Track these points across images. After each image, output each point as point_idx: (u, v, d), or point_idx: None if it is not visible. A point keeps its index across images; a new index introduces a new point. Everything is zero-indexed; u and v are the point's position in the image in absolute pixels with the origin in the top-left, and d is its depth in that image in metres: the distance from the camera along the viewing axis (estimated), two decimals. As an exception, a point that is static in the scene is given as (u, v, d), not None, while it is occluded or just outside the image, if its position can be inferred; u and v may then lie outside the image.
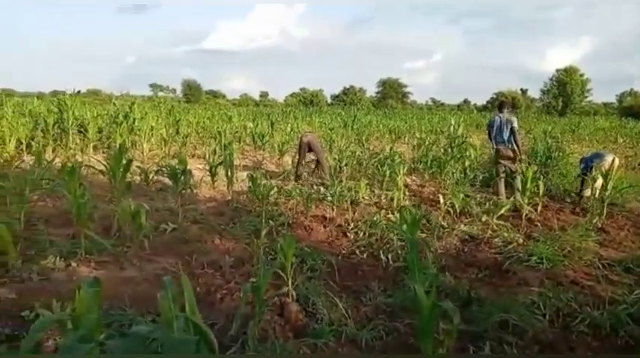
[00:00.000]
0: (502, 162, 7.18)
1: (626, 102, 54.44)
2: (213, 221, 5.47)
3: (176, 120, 13.27)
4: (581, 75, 56.78)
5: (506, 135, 7.14)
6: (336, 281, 3.89)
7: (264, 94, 72.52)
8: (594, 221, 5.85)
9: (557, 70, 57.76)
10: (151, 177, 7.16)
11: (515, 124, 7.15)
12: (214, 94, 69.20)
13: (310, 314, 3.28)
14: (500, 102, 7.79)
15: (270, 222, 5.24)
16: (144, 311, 3.08)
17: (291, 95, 66.52)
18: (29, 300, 3.17)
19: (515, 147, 7.08)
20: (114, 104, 13.51)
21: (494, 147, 7.34)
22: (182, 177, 5.67)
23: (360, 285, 3.91)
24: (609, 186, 6.27)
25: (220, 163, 6.94)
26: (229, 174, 6.61)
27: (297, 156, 8.63)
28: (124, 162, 5.19)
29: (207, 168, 7.39)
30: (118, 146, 6.53)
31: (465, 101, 69.93)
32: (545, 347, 2.81)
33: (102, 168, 5.63)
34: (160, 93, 64.42)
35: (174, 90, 68.55)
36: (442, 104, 71.52)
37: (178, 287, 2.10)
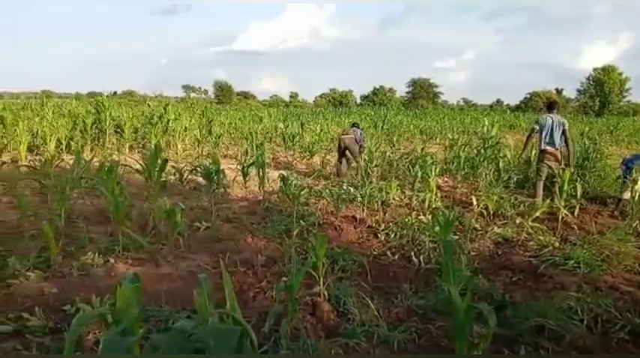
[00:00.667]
0: (547, 163, 6.94)
1: (669, 101, 52.43)
2: (246, 220, 5.55)
3: (209, 120, 13.50)
4: (620, 73, 54.91)
5: (557, 136, 6.93)
6: (367, 281, 3.89)
7: (293, 95, 72.88)
8: (634, 225, 5.66)
9: (595, 69, 56.05)
10: (185, 177, 7.31)
11: (567, 126, 6.96)
12: (245, 95, 70.00)
13: (342, 314, 3.29)
14: (550, 103, 7.55)
15: (301, 221, 5.28)
16: (179, 308, 3.15)
17: (321, 96, 66.75)
18: (70, 295, 3.30)
19: (566, 151, 6.88)
20: (148, 105, 13.88)
21: (542, 148, 7.11)
22: (215, 177, 5.77)
23: (391, 286, 3.90)
24: None
25: (252, 163, 7.03)
26: (261, 174, 6.68)
27: (338, 157, 9.06)
28: (160, 161, 5.32)
29: (239, 168, 7.49)
30: (153, 146, 6.69)
31: (498, 101, 68.68)
32: (583, 353, 2.73)
33: (138, 167, 5.79)
34: (192, 95, 65.75)
35: (205, 92, 69.82)
36: (474, 104, 70.42)
37: (213, 284, 2.15)
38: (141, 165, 5.66)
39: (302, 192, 5.61)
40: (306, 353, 2.72)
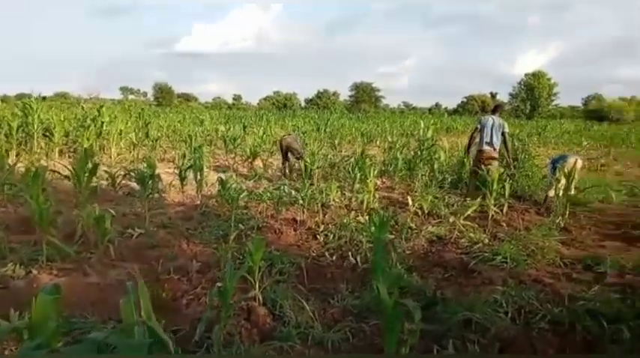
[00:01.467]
0: (484, 163, 7.24)
1: (591, 105, 56.18)
2: (181, 225, 5.41)
3: (146, 123, 13.07)
4: (549, 79, 58.38)
5: (495, 137, 7.24)
6: (304, 284, 3.90)
7: (237, 97, 72.10)
8: (557, 221, 6.02)
9: (526, 75, 59.27)
10: (118, 182, 7.03)
11: (507, 128, 7.28)
12: (187, 97, 68.49)
13: (278, 317, 3.28)
14: (496, 105, 7.92)
15: (240, 225, 5.21)
16: (106, 318, 3.02)
17: (265, 98, 66.41)
18: (-14, 309, 3.08)
19: (505, 151, 7.23)
20: (82, 108, 13.25)
21: (480, 148, 7.40)
22: (150, 182, 5.60)
23: (328, 287, 3.92)
24: (572, 187, 6.46)
25: (190, 167, 6.87)
26: (199, 177, 6.55)
27: (282, 159, 9.18)
28: (90, 166, 5.10)
29: (177, 172, 7.30)
30: (83, 150, 6.39)
31: (437, 104, 71.05)
32: (506, 344, 2.86)
33: (67, 172, 5.51)
34: (131, 97, 63.54)
35: (145, 94, 67.67)
36: (414, 107, 72.46)
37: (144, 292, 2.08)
38: (70, 170, 5.39)
39: (241, 196, 5.54)
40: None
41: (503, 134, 7.19)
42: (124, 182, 7.27)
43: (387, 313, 2.33)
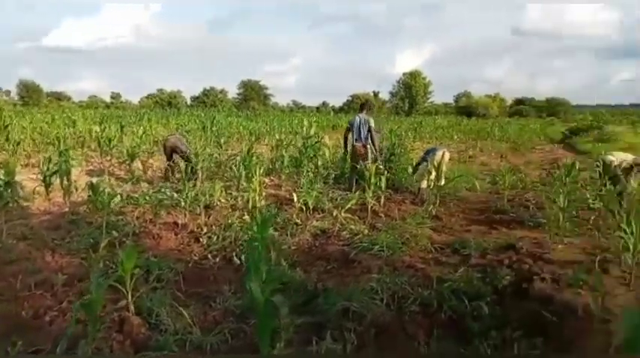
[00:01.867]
0: (357, 158, 7.61)
1: (461, 102, 61.45)
2: (46, 236, 4.93)
3: (5, 125, 11.71)
4: (424, 78, 62.66)
5: (363, 134, 7.59)
6: (184, 289, 3.76)
7: (115, 96, 67.50)
8: (430, 209, 6.48)
9: (404, 74, 63.02)
10: (-31, 191, 6.20)
11: (372, 124, 7.64)
12: (57, 96, 62.66)
13: (154, 326, 3.12)
14: (361, 104, 8.25)
15: (114, 232, 4.87)
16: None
17: (147, 96, 63.04)
18: None
19: (371, 146, 7.57)
20: None
21: (352, 144, 7.77)
22: (8, 190, 5.02)
23: (210, 290, 3.83)
24: (441, 177, 6.99)
25: (55, 172, 6.27)
26: (65, 183, 6.00)
27: (166, 161, 8.79)
28: None
29: (42, 177, 6.63)
30: None
31: (324, 103, 72.76)
32: (381, 330, 3.01)
33: None
34: (-10, 95, 56.68)
35: (8, 92, 60.70)
36: (303, 106, 73.54)
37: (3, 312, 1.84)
38: None
39: (114, 201, 5.18)
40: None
41: (369, 130, 7.60)
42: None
43: (259, 311, 2.32)
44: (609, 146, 16.08)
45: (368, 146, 7.65)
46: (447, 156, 7.78)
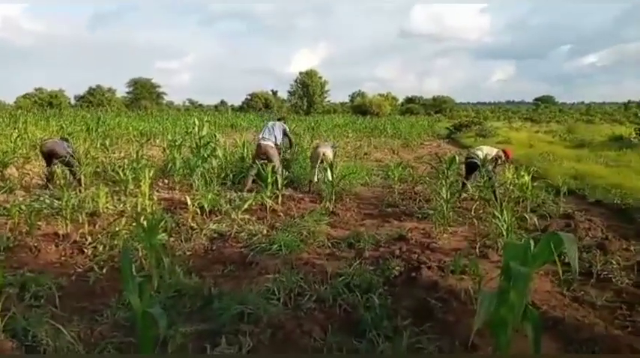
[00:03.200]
0: (260, 157, 7.81)
1: (356, 101, 63.43)
2: None
3: None
4: (320, 77, 63.90)
5: (277, 136, 8.13)
6: (65, 305, 3.46)
7: (-15, 96, 60.45)
8: (327, 206, 6.62)
9: (300, 73, 63.74)
10: None
11: (287, 127, 8.43)
12: None
13: (31, 348, 2.83)
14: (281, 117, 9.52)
15: (-19, 248, 4.35)
16: None
17: (24, 96, 57.20)
18: None
19: (285, 147, 8.44)
20: None
21: (258, 143, 8.08)
22: None
23: (97, 304, 3.56)
24: (329, 174, 7.15)
25: None
26: None
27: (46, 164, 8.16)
28: None
29: None
30: None
31: (222, 102, 71.39)
32: (277, 329, 3.00)
33: None
34: None
35: None
36: (200, 105, 71.50)
37: None
38: None
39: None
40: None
41: (284, 133, 8.36)
42: None
43: (139, 322, 2.20)
44: (488, 140, 17.65)
45: (278, 147, 8.09)
46: (329, 153, 8.00)
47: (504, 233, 4.52)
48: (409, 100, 71.81)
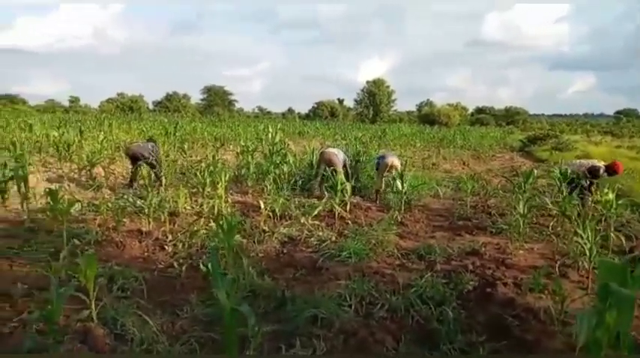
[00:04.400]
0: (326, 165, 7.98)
1: (424, 111, 62.49)
2: (3, 245, 4.73)
3: (-46, 129, 11.19)
4: (387, 86, 63.60)
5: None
6: (150, 297, 3.68)
7: (74, 99, 65.45)
8: (395, 215, 6.58)
9: (367, 82, 63.74)
10: None
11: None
12: (12, 99, 60.16)
13: (119, 336, 3.04)
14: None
15: (75, 241, 4.72)
16: None
17: (107, 101, 61.32)
18: None
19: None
20: None
21: (322, 151, 8.37)
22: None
23: (177, 299, 3.77)
24: (399, 184, 7.10)
25: (11, 178, 6.02)
26: (22, 189, 5.77)
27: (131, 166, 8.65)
28: None
29: (-4, 184, 6.37)
30: None
31: (290, 109, 72.77)
32: (349, 336, 3.03)
33: None
34: (-64, 98, 54.05)
35: (-45, 95, 57.86)
36: (268, 112, 73.33)
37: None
38: None
39: (74, 208, 5.02)
40: None
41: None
42: None
43: (226, 320, 2.30)
44: (566, 154, 16.77)
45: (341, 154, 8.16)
46: (397, 163, 7.95)
47: (587, 252, 4.29)
48: (479, 111, 69.77)
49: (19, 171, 5.74)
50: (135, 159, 8.41)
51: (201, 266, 4.43)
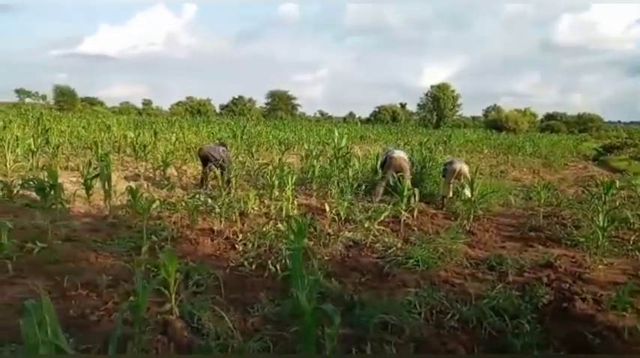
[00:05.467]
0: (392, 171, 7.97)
1: (491, 116, 60.46)
2: (88, 238, 5.08)
3: (45, 129, 12.12)
4: (453, 90, 62.16)
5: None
6: (223, 294, 3.82)
7: (147, 102, 69.10)
8: (463, 224, 6.43)
9: (432, 86, 62.61)
10: (15, 192, 6.45)
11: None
12: (91, 102, 64.38)
13: (196, 330, 3.18)
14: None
15: (153, 237, 5.00)
16: (5, 340, 2.76)
17: (177, 104, 64.19)
18: None
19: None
20: (-31, 110, 12.05)
21: (390, 156, 8.19)
22: (51, 192, 5.19)
23: (248, 297, 3.88)
24: (466, 192, 6.93)
25: (96, 176, 6.46)
26: (106, 187, 6.17)
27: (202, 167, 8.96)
28: (-19, 175, 4.63)
29: (82, 181, 6.85)
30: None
31: (351, 114, 72.79)
32: (420, 344, 3.00)
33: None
34: (28, 100, 58.73)
35: (44, 97, 62.67)
36: (330, 116, 73.77)
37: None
38: (-44, 179, 4.86)
39: (153, 206, 5.31)
40: None
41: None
42: (21, 192, 6.67)
43: (305, 320, 2.35)
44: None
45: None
46: (465, 169, 7.77)
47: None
48: (550, 117, 66.65)
49: (104, 169, 6.13)
50: (206, 160, 8.75)
51: (270, 266, 4.56)
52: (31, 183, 5.69)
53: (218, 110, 65.02)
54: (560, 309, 3.64)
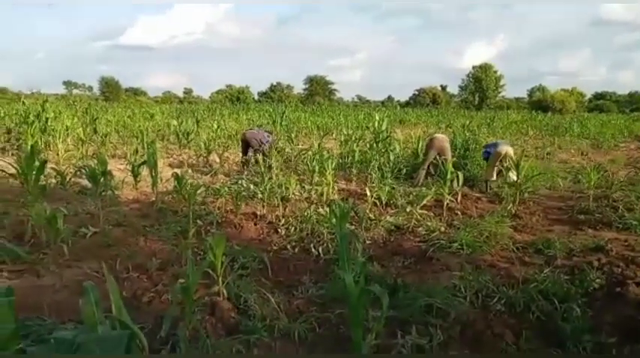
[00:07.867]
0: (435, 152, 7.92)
1: (536, 96, 58.43)
2: (137, 223, 5.27)
3: (93, 118, 12.58)
4: (496, 71, 60.45)
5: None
6: (267, 277, 3.90)
7: (188, 91, 70.62)
8: (509, 207, 6.27)
9: (474, 67, 61.03)
10: (68, 180, 6.75)
11: None
12: (135, 92, 66.38)
13: (242, 311, 3.26)
14: None
15: (198, 221, 5.13)
16: (65, 319, 2.92)
17: (217, 92, 65.25)
18: None
19: None
20: (23, 103, 12.63)
21: (432, 137, 8.15)
22: (102, 179, 5.40)
23: (292, 280, 3.94)
24: (512, 175, 6.75)
25: (143, 163, 6.67)
26: (153, 173, 6.37)
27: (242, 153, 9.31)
28: (37, 163, 4.86)
29: (129, 168, 7.09)
30: (29, 147, 6.10)
31: (389, 97, 72.09)
32: (466, 327, 2.97)
33: (13, 171, 5.22)
34: (75, 91, 61.09)
35: (90, 88, 65.08)
36: (367, 101, 73.30)
37: (103, 291, 2.02)
38: (15, 168, 5.11)
39: (198, 191, 5.44)
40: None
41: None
42: (73, 180, 6.98)
43: (352, 301, 2.37)
44: None
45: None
46: (511, 152, 7.57)
47: None
48: (599, 96, 63.83)
49: (151, 156, 6.33)
50: (246, 144, 8.87)
51: (312, 249, 4.62)
52: (82, 170, 5.94)
53: (256, 97, 65.66)
54: (612, 294, 3.52)
